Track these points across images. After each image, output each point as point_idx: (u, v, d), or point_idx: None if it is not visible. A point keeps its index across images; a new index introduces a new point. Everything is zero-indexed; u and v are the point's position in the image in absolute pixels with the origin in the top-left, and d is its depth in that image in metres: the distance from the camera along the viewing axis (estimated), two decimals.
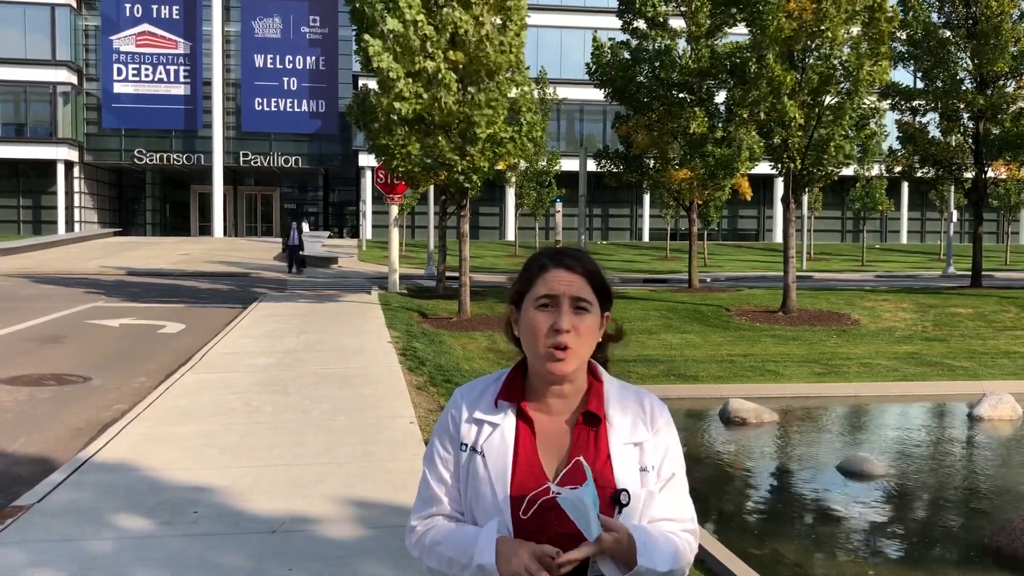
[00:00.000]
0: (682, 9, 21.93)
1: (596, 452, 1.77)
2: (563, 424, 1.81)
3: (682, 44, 22.41)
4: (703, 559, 5.27)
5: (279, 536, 5.00)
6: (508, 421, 1.81)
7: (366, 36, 14.50)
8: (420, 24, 14.26)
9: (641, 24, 22.46)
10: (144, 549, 4.82)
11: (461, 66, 14.95)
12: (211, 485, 5.88)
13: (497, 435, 1.80)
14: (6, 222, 45.94)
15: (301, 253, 29.07)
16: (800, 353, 15.15)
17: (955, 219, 34.69)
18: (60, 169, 45.59)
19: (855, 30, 17.55)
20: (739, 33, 19.94)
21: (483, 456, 1.79)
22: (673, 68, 21.50)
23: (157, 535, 5.01)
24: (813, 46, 17.49)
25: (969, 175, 23.79)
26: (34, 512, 5.36)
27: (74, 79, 46.31)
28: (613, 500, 1.73)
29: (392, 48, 14.38)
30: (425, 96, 14.73)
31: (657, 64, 21.81)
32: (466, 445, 1.82)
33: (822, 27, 16.82)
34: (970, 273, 24.47)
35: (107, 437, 7.13)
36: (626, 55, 22.36)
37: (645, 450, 1.80)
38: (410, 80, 14.57)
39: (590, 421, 1.79)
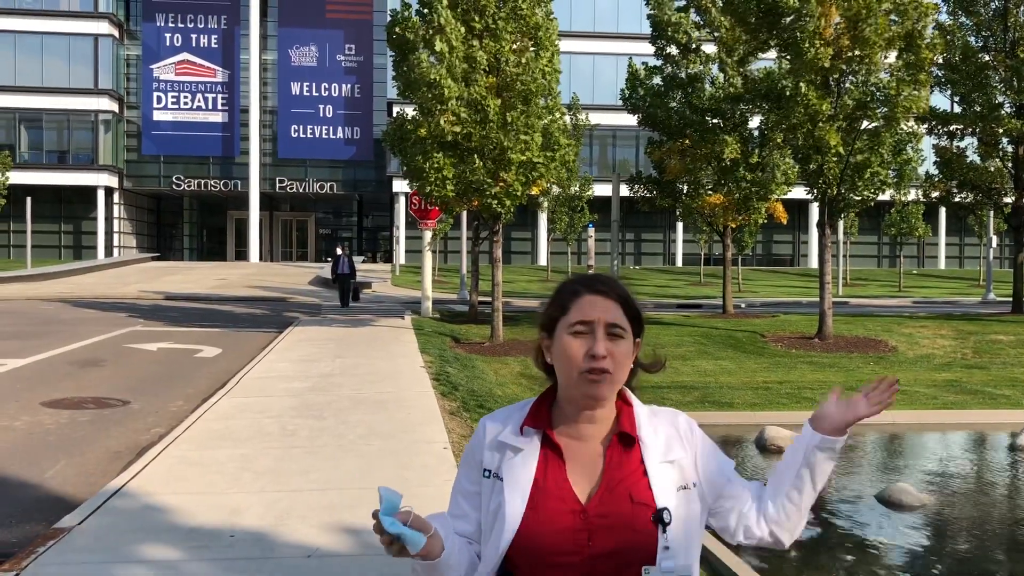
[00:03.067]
0: (715, 35, 21.95)
1: (632, 472, 1.77)
2: (595, 448, 1.81)
3: (715, 69, 22.42)
4: None
5: (315, 561, 5.02)
6: (532, 447, 1.81)
7: (420, 54, 14.75)
8: (473, 48, 14.53)
9: (674, 50, 22.51)
10: (181, 573, 4.85)
11: (496, 92, 15.14)
12: (247, 509, 5.92)
13: (519, 460, 1.81)
14: (48, 247, 46.85)
15: (353, 281, 25.27)
16: (837, 380, 14.95)
17: (995, 244, 34.17)
18: (100, 195, 46.49)
19: (892, 55, 17.43)
20: (772, 58, 19.91)
21: (503, 480, 1.80)
22: (705, 94, 21.51)
23: (194, 559, 5.04)
24: (849, 71, 17.39)
25: (1009, 200, 23.45)
26: (74, 534, 5.42)
27: (115, 107, 47.31)
28: (655, 520, 1.72)
29: (441, 68, 14.66)
30: (467, 118, 14.92)
31: (690, 90, 21.83)
32: (489, 471, 1.84)
33: (859, 52, 16.73)
34: (1011, 299, 24.05)
35: (145, 460, 7.21)
36: (658, 81, 22.41)
37: (684, 467, 1.81)
38: (457, 101, 14.81)
39: (624, 441, 1.80)
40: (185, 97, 48.44)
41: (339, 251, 25.36)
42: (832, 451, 1.88)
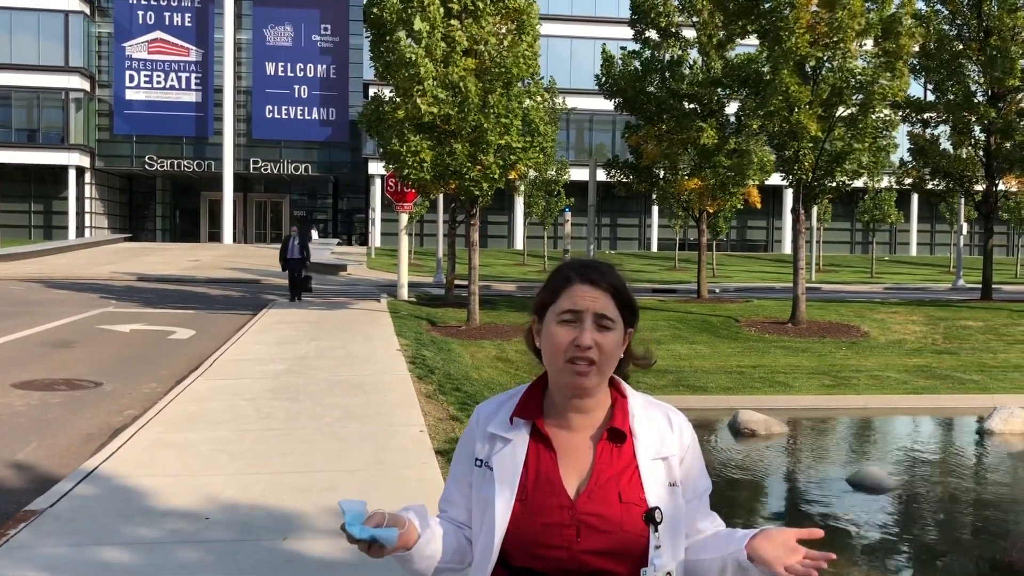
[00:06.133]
0: (694, 20, 21.95)
1: (623, 469, 1.75)
2: (586, 440, 1.78)
3: (693, 54, 22.43)
4: None
5: (290, 543, 5.01)
6: (521, 438, 1.79)
7: (398, 34, 14.59)
8: (452, 28, 14.43)
9: (653, 34, 22.48)
10: (155, 555, 4.83)
11: (476, 74, 15.06)
12: (222, 491, 5.89)
13: (508, 450, 1.78)
14: (18, 227, 46.15)
15: (306, 271, 20.61)
16: (810, 365, 15.11)
17: (965, 232, 34.57)
18: (71, 175, 45.82)
19: (868, 43, 17.52)
20: (751, 44, 19.96)
21: (492, 470, 1.79)
22: (684, 79, 21.52)
23: (168, 541, 5.02)
24: (825, 58, 17.47)
25: (980, 188, 23.72)
26: (46, 517, 5.38)
27: (86, 85, 46.58)
28: (647, 519, 1.70)
29: (419, 48, 14.55)
30: (446, 100, 14.82)
31: (668, 75, 21.83)
32: (481, 461, 1.82)
33: (835, 39, 16.80)
34: (980, 286, 24.39)
35: (118, 442, 7.15)
36: (637, 65, 22.39)
37: (672, 465, 1.78)
38: (434, 82, 14.70)
39: (615, 437, 1.76)
40: (158, 76, 47.76)
41: (293, 230, 20.93)
42: (745, 572, 1.75)
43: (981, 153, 23.07)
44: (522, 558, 1.74)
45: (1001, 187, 23.94)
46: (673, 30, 22.29)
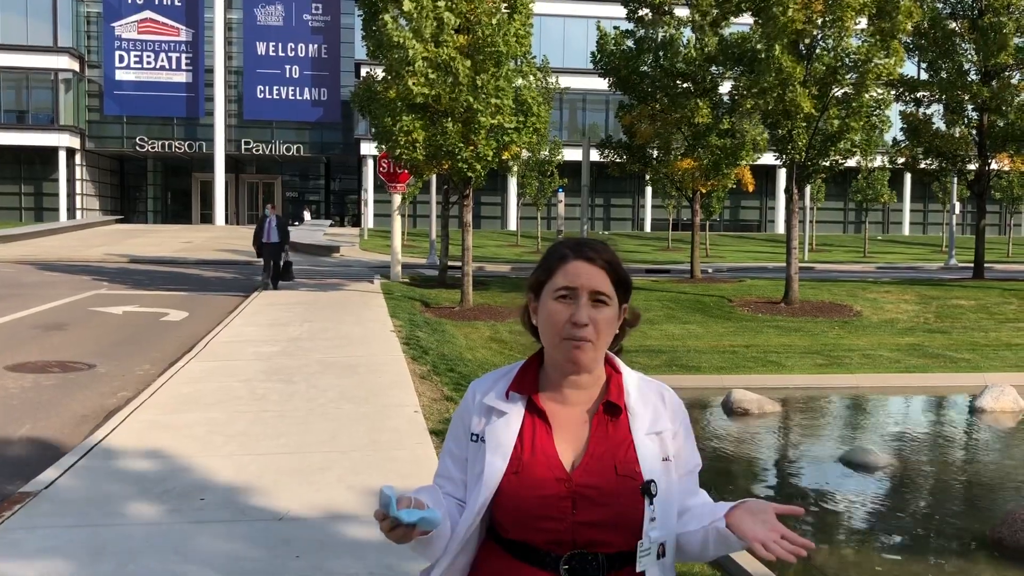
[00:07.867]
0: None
1: (618, 442, 1.78)
2: (582, 415, 1.81)
3: (687, 33, 22.32)
4: None
5: (285, 523, 5.03)
6: (516, 411, 1.81)
7: (384, 16, 14.48)
8: (439, 8, 14.32)
9: (646, 12, 22.37)
10: (152, 536, 4.84)
11: (466, 53, 14.97)
12: (217, 473, 5.90)
13: (502, 423, 1.81)
14: (8, 209, 45.92)
15: (285, 256, 18.46)
16: (802, 344, 15.16)
17: (958, 211, 34.64)
18: (62, 156, 45.55)
19: (863, 21, 17.46)
20: (745, 23, 19.86)
21: (485, 443, 1.81)
22: (678, 57, 21.43)
23: (164, 522, 5.03)
24: (820, 37, 17.41)
25: (972, 167, 23.75)
26: (41, 499, 5.39)
27: (76, 66, 46.21)
28: (643, 491, 1.74)
29: (409, 29, 14.45)
30: (437, 80, 14.73)
31: (661, 53, 21.74)
32: (477, 435, 1.84)
33: (831, 17, 16.73)
34: (972, 265, 24.47)
35: (112, 424, 7.16)
36: (630, 44, 22.29)
37: (666, 440, 1.82)
38: (424, 63, 14.62)
39: (611, 411, 1.80)
40: (148, 56, 47.40)
41: (269, 209, 19.24)
42: (725, 541, 1.78)
43: (974, 132, 23.08)
44: (517, 531, 1.76)
45: (994, 166, 23.98)
46: (666, 8, 22.18)
